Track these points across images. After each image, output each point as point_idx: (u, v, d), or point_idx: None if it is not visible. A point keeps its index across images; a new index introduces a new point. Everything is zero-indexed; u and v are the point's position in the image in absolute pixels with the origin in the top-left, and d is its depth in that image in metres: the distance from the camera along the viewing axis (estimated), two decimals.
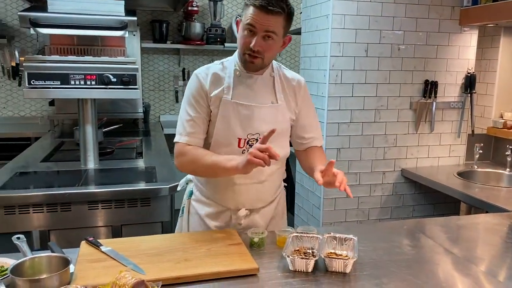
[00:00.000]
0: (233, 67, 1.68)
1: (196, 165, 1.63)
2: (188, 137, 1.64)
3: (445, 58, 3.20)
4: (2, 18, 4.39)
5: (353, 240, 1.51)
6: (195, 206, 1.81)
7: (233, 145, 1.65)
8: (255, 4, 1.51)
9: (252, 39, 1.54)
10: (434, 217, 3.19)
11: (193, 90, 1.67)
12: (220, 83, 1.66)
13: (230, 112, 1.64)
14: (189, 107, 1.66)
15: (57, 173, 2.63)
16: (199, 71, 1.69)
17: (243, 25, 1.56)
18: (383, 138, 3.17)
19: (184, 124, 1.66)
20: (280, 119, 1.70)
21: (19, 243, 1.37)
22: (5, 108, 4.57)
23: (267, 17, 1.51)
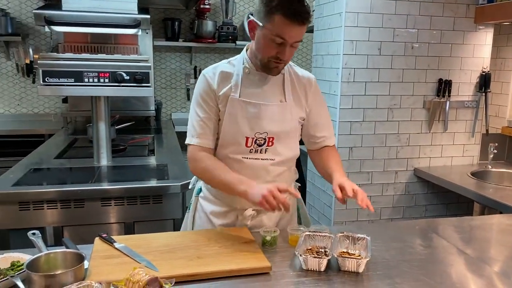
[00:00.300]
0: (241, 65, 1.66)
1: (208, 177, 1.65)
2: (199, 138, 1.64)
3: (459, 57, 3.16)
4: (17, 16, 4.44)
5: (366, 239, 1.50)
6: (202, 204, 1.81)
7: (241, 144, 1.64)
8: (287, 17, 1.45)
9: (280, 49, 1.51)
10: (447, 217, 3.16)
11: (201, 90, 1.65)
12: (228, 81, 1.64)
13: (237, 110, 1.62)
14: (198, 108, 1.65)
15: (70, 170, 2.65)
16: (207, 71, 1.68)
17: (270, 35, 1.49)
18: (395, 137, 3.15)
19: (194, 125, 1.65)
20: (288, 118, 1.68)
21: (34, 239, 1.39)
22: (19, 105, 4.63)
23: (299, 29, 1.48)
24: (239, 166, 1.65)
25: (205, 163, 1.62)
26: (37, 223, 2.17)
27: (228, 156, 1.66)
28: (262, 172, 1.68)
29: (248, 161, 1.65)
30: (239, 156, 1.65)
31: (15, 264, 1.29)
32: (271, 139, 1.65)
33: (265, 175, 1.68)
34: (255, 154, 1.66)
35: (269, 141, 1.65)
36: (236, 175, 1.58)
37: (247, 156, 1.65)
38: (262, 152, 1.66)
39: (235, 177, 1.57)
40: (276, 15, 1.45)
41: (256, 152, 1.65)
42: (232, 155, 1.65)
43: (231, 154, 1.65)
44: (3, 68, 4.53)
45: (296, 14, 1.45)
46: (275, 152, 1.68)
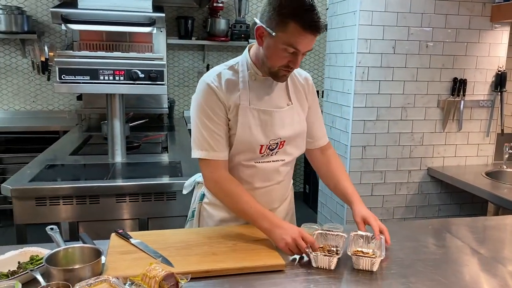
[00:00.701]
0: (246, 71, 1.59)
1: (229, 203, 1.59)
2: (215, 152, 1.55)
3: (475, 56, 3.13)
4: (33, 14, 4.50)
5: (381, 238, 1.50)
6: (209, 210, 1.73)
7: (255, 151, 1.61)
8: (302, 26, 1.39)
9: (292, 59, 1.47)
10: (461, 217, 3.13)
11: (208, 100, 1.54)
12: (235, 90, 1.56)
13: (250, 119, 1.57)
14: (207, 119, 1.54)
15: (85, 166, 2.69)
16: (210, 80, 1.56)
17: (282, 44, 1.43)
18: (409, 136, 3.13)
19: (206, 138, 1.54)
20: (297, 120, 1.67)
21: (52, 234, 1.41)
22: (35, 102, 4.69)
23: (313, 38, 1.44)
24: (252, 171, 1.63)
25: (229, 188, 1.55)
26: (53, 219, 2.20)
27: (240, 163, 1.63)
28: (273, 174, 1.67)
29: (260, 165, 1.64)
30: (252, 162, 1.63)
31: (34, 258, 1.31)
32: (282, 143, 1.64)
33: (277, 176, 1.68)
34: (267, 157, 1.65)
35: (281, 145, 1.65)
36: (260, 208, 1.52)
37: (260, 160, 1.63)
38: (273, 155, 1.66)
39: (259, 210, 1.52)
40: (291, 25, 1.39)
41: (267, 156, 1.65)
42: (245, 162, 1.62)
43: (244, 161, 1.62)
44: (19, 66, 4.60)
45: (312, 24, 1.39)
46: (285, 153, 1.68)
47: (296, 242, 1.41)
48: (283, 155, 1.67)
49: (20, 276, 1.22)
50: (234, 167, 1.64)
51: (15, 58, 4.58)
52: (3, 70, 4.57)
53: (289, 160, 1.70)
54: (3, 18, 4.16)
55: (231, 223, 1.71)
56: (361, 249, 1.50)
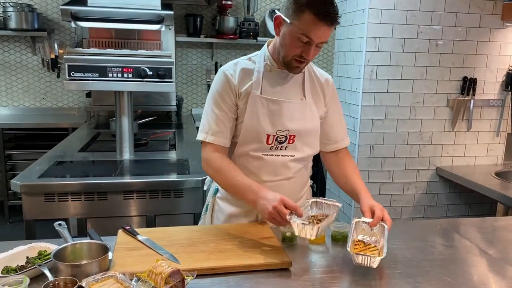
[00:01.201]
0: (262, 62, 1.64)
1: (220, 178, 1.62)
2: (214, 136, 1.61)
3: (485, 54, 3.10)
4: (43, 11, 4.53)
5: (384, 226, 1.46)
6: (220, 204, 1.77)
7: (262, 141, 1.62)
8: (318, 16, 1.42)
9: (305, 48, 1.48)
10: (469, 217, 3.11)
11: (220, 88, 1.62)
12: (249, 78, 1.61)
13: (258, 107, 1.60)
14: (215, 106, 1.62)
15: (93, 163, 2.70)
16: (226, 68, 1.64)
17: (296, 33, 1.47)
18: (418, 135, 3.11)
19: (210, 122, 1.62)
20: (309, 116, 1.67)
21: (60, 230, 1.42)
22: (44, 99, 4.73)
23: (326, 29, 1.45)
24: (259, 163, 1.65)
25: (219, 164, 1.60)
26: (62, 214, 2.22)
27: (248, 153, 1.65)
28: (282, 169, 1.67)
29: (268, 157, 1.65)
30: (260, 154, 1.64)
31: (42, 254, 1.32)
32: (292, 137, 1.65)
33: (286, 171, 1.68)
34: (276, 151, 1.65)
35: (290, 139, 1.65)
36: (247, 181, 1.55)
37: (268, 153, 1.64)
38: (282, 149, 1.66)
39: (246, 183, 1.54)
40: (306, 14, 1.43)
41: (276, 149, 1.65)
42: (253, 153, 1.64)
43: (251, 151, 1.64)
44: (29, 63, 4.64)
45: (326, 14, 1.42)
46: (295, 149, 1.67)
47: (277, 209, 1.40)
48: (293, 150, 1.67)
49: (28, 270, 1.23)
50: (242, 158, 1.66)
51: (25, 55, 4.62)
52: (14, 67, 4.62)
53: (299, 157, 1.69)
54: (13, 16, 4.20)
55: (240, 217, 1.72)
56: (363, 237, 1.47)
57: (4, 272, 1.24)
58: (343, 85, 3.27)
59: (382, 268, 1.40)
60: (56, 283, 1.14)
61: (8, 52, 4.58)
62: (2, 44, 4.55)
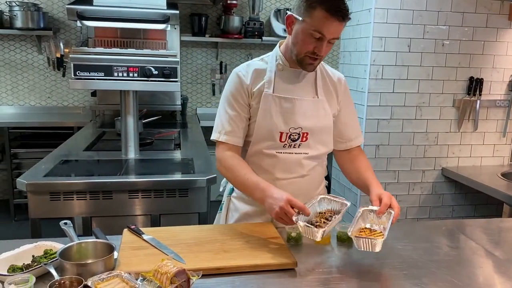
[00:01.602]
0: (274, 62, 1.67)
1: (231, 176, 1.66)
2: (227, 135, 1.65)
3: (492, 55, 3.08)
4: (49, 11, 4.55)
5: (391, 213, 1.45)
6: (235, 204, 1.80)
7: (275, 139, 1.65)
8: (329, 12, 1.44)
9: (318, 44, 1.51)
10: (475, 218, 3.09)
11: (233, 88, 1.66)
12: (261, 78, 1.65)
13: (271, 106, 1.63)
14: (228, 106, 1.66)
15: (99, 162, 2.71)
16: (239, 69, 1.68)
17: (308, 29, 1.49)
18: (424, 135, 3.10)
19: (223, 122, 1.66)
20: (322, 114, 1.68)
21: (66, 228, 1.42)
22: (50, 98, 4.75)
23: (338, 25, 1.47)
24: (273, 161, 1.67)
25: (231, 163, 1.63)
26: (67, 213, 2.22)
27: (262, 151, 1.67)
28: (295, 167, 1.69)
29: (281, 155, 1.67)
30: (273, 151, 1.66)
31: (48, 252, 1.33)
32: (305, 135, 1.66)
33: (299, 169, 1.69)
34: (289, 148, 1.67)
35: (303, 137, 1.66)
36: (256, 179, 1.57)
37: (281, 151, 1.66)
38: (296, 147, 1.68)
39: (254, 181, 1.56)
40: (317, 9, 1.45)
41: (290, 147, 1.67)
42: (266, 150, 1.66)
43: (265, 149, 1.66)
44: (35, 62, 4.65)
45: (338, 10, 1.45)
46: (309, 147, 1.69)
47: (284, 210, 1.41)
48: (306, 148, 1.68)
49: (34, 269, 1.23)
50: (256, 156, 1.69)
51: (31, 54, 4.64)
52: (20, 66, 4.63)
53: (313, 154, 1.70)
54: (19, 15, 4.22)
55: (255, 217, 1.74)
56: (370, 225, 1.47)
57: (10, 270, 1.24)
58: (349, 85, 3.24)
59: (388, 269, 1.40)
60: (62, 282, 1.15)
61: (14, 51, 4.60)
62: (8, 43, 4.57)
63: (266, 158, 1.67)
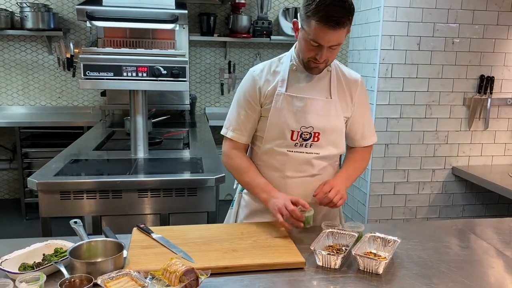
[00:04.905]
0: (289, 61, 1.69)
1: (237, 175, 1.74)
2: (233, 133, 1.72)
3: (503, 52, 3.05)
4: (59, 11, 4.59)
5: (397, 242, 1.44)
6: (246, 200, 1.83)
7: (286, 137, 1.66)
8: (320, 22, 1.45)
9: (318, 51, 1.53)
10: (486, 218, 3.07)
11: (245, 89, 1.71)
12: (276, 77, 1.68)
13: (283, 105, 1.65)
14: (239, 105, 1.72)
15: (108, 162, 2.72)
16: (255, 69, 1.72)
17: (307, 38, 1.52)
18: (433, 134, 3.07)
19: (232, 120, 1.73)
20: (333, 114, 1.68)
21: (76, 227, 1.43)
22: (60, 98, 4.79)
23: (333, 33, 1.47)
24: (284, 159, 1.69)
25: (237, 162, 1.72)
26: (77, 212, 2.24)
27: (273, 149, 1.69)
28: (305, 166, 1.70)
29: (292, 154, 1.68)
30: (284, 149, 1.68)
31: (59, 251, 1.34)
32: (316, 135, 1.67)
33: (310, 168, 1.70)
34: (300, 148, 1.68)
35: (315, 136, 1.67)
36: (262, 181, 1.67)
37: (292, 149, 1.68)
38: (307, 147, 1.68)
39: (260, 183, 1.67)
40: (312, 20, 1.47)
41: (301, 146, 1.68)
42: (277, 148, 1.69)
43: (276, 147, 1.69)
44: (45, 62, 4.69)
45: (330, 19, 1.44)
46: (320, 147, 1.69)
47: (285, 206, 1.50)
48: (318, 148, 1.69)
49: (44, 268, 1.24)
50: (267, 153, 1.72)
51: (42, 54, 4.68)
52: (30, 67, 4.68)
53: (324, 155, 1.71)
54: (30, 16, 4.25)
55: (264, 213, 1.75)
56: (376, 251, 1.45)
57: (21, 269, 1.25)
58: None
59: (397, 269, 1.39)
60: (72, 280, 1.16)
61: (25, 51, 4.64)
62: (19, 43, 4.62)
63: (277, 156, 1.70)
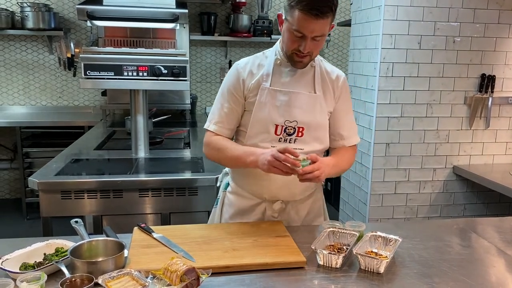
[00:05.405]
0: (273, 56, 1.68)
1: (220, 156, 1.69)
2: (216, 125, 1.70)
3: (504, 51, 3.04)
4: (59, 11, 4.59)
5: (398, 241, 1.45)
6: (230, 198, 1.81)
7: (270, 132, 1.64)
8: (303, 11, 1.46)
9: (301, 43, 1.52)
10: (487, 217, 3.06)
11: (229, 82, 1.69)
12: (260, 71, 1.66)
13: (268, 99, 1.63)
14: (222, 98, 1.70)
15: (109, 161, 2.73)
16: (239, 62, 1.72)
17: (290, 28, 1.52)
18: (434, 133, 3.07)
19: (215, 113, 1.71)
20: (318, 109, 1.67)
21: (77, 227, 1.43)
22: (61, 98, 4.79)
23: (316, 22, 1.47)
24: None
25: (217, 144, 1.67)
26: (78, 212, 2.24)
27: (257, 144, 1.66)
28: None
29: None
30: (268, 145, 1.65)
31: (59, 250, 1.34)
32: (301, 130, 1.65)
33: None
34: (284, 143, 1.65)
35: (299, 131, 1.65)
36: (246, 148, 1.63)
37: (276, 144, 1.64)
38: (292, 142, 1.66)
39: (245, 150, 1.61)
40: (296, 9, 1.47)
41: (285, 141, 1.66)
42: (262, 143, 1.65)
43: (260, 142, 1.66)
44: (46, 62, 4.70)
45: (313, 8, 1.44)
46: (305, 143, 1.67)
47: (274, 156, 1.45)
48: (302, 144, 1.67)
49: (46, 267, 1.24)
50: None
51: (42, 54, 4.68)
52: (31, 67, 4.68)
53: (308, 150, 1.67)
54: (31, 15, 4.26)
55: (248, 213, 1.74)
56: (377, 251, 1.46)
57: (22, 268, 1.26)
58: (358, 83, 3.24)
59: (398, 268, 1.39)
60: (73, 279, 1.16)
61: (26, 51, 4.64)
62: (20, 43, 4.62)
63: None
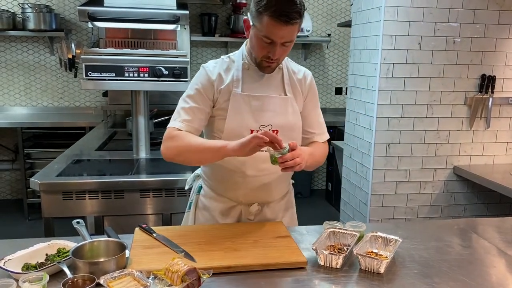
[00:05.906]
0: (241, 60, 1.65)
1: (182, 148, 1.55)
2: (183, 123, 1.58)
3: (504, 52, 3.05)
4: (61, 12, 4.60)
5: (398, 242, 1.45)
6: (204, 202, 1.78)
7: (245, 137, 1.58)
8: (272, 17, 1.44)
9: (271, 49, 1.50)
10: (488, 217, 3.06)
11: (198, 82, 1.64)
12: (228, 75, 1.63)
13: (241, 105, 1.61)
14: (189, 98, 1.62)
15: (110, 162, 2.73)
16: (207, 65, 1.67)
17: (259, 35, 1.50)
18: (435, 134, 3.07)
19: (180, 112, 1.61)
20: (290, 111, 1.67)
21: (78, 227, 1.44)
22: (62, 99, 4.80)
23: (285, 28, 1.46)
24: (244, 159, 1.60)
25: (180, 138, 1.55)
26: (79, 212, 2.25)
27: None
28: (266, 165, 1.62)
29: None
30: None
31: (61, 251, 1.35)
32: (275, 132, 1.63)
33: (270, 166, 1.61)
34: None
35: None
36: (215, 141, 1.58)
37: None
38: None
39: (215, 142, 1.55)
40: (264, 16, 1.45)
41: None
42: None
43: None
44: (47, 63, 4.71)
45: (282, 14, 1.42)
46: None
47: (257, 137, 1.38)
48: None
49: (47, 268, 1.25)
50: None
51: (43, 55, 4.69)
52: (32, 67, 4.69)
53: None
54: (32, 17, 4.27)
55: (224, 216, 1.72)
56: (377, 251, 1.46)
57: (24, 269, 1.26)
58: (358, 84, 3.25)
59: (399, 268, 1.39)
60: (74, 280, 1.16)
61: (27, 52, 4.66)
62: (21, 44, 4.63)
63: (237, 157, 1.57)
